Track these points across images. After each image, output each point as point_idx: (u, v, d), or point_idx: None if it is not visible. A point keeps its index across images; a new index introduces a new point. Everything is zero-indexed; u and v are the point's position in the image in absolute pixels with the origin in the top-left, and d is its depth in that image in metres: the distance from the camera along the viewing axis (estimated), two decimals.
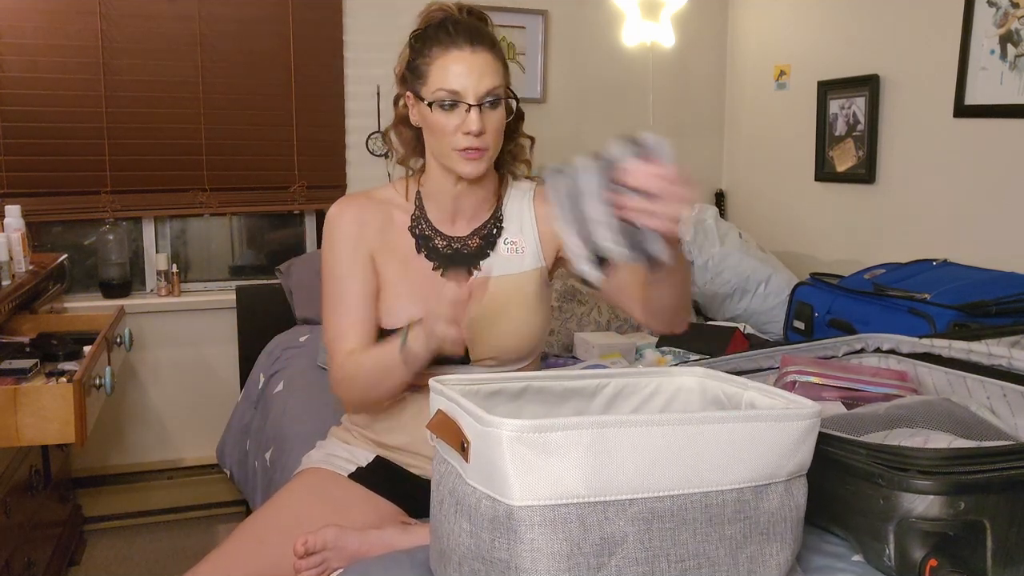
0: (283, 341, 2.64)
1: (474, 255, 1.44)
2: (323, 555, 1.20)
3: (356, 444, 1.48)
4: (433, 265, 1.42)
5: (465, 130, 1.30)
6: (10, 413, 1.67)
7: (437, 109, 1.32)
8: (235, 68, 2.91)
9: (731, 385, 1.11)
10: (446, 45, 1.32)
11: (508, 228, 1.46)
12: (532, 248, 1.45)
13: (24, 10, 2.66)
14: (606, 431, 0.86)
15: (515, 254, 1.44)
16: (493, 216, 1.46)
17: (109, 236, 2.88)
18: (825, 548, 1.17)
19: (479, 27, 1.35)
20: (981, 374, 1.50)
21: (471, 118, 1.30)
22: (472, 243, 1.44)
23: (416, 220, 1.45)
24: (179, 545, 2.75)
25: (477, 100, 1.30)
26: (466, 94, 1.30)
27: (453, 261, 1.42)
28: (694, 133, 3.56)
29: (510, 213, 1.47)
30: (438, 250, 1.43)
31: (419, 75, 1.35)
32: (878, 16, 2.76)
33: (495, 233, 1.45)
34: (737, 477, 0.92)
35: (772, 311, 2.79)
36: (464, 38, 1.32)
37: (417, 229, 1.44)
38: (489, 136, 1.33)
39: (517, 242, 1.45)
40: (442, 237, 1.44)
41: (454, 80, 1.30)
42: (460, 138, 1.31)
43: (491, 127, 1.33)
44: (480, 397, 1.06)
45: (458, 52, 1.31)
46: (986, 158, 2.39)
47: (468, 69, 1.30)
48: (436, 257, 1.43)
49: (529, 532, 0.85)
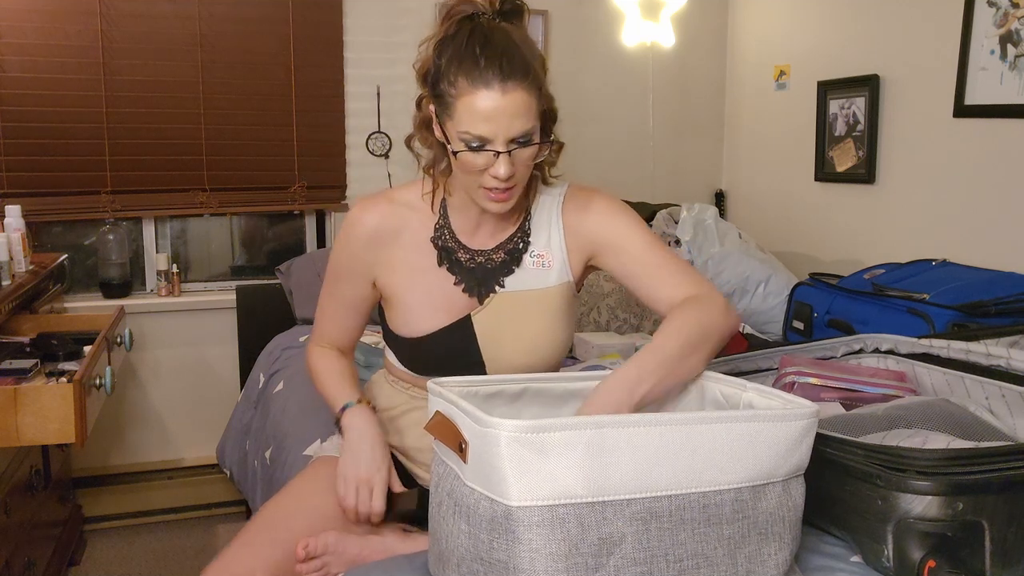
0: (283, 341, 2.64)
1: (498, 270, 1.37)
2: (323, 559, 1.20)
3: None
4: (455, 280, 1.36)
5: (493, 174, 1.21)
6: (10, 413, 1.67)
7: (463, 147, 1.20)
8: (235, 68, 2.91)
9: (729, 386, 1.11)
10: (474, 80, 1.16)
11: (536, 241, 1.37)
12: (559, 261, 1.37)
13: (24, 10, 2.66)
14: (604, 431, 0.86)
15: (541, 268, 1.36)
16: (520, 229, 1.38)
17: (109, 236, 2.88)
18: (824, 549, 1.17)
19: (510, 50, 1.18)
20: (980, 375, 1.50)
21: (500, 165, 1.19)
22: (496, 257, 1.37)
23: (439, 230, 1.37)
24: (179, 545, 2.76)
25: (507, 147, 1.19)
26: (495, 140, 1.18)
27: (475, 275, 1.36)
28: (694, 133, 3.56)
29: (538, 224, 1.38)
30: (461, 263, 1.36)
31: (444, 105, 1.21)
32: (878, 16, 2.76)
33: (521, 248, 1.37)
34: (735, 477, 0.92)
35: (771, 311, 2.79)
36: (494, 73, 1.15)
37: (440, 240, 1.37)
38: (519, 175, 1.23)
39: (544, 255, 1.37)
40: (465, 251, 1.37)
41: (482, 125, 1.17)
42: (487, 179, 1.22)
43: (521, 166, 1.23)
44: (479, 399, 1.06)
45: (487, 92, 1.16)
46: (986, 158, 2.39)
47: (498, 114, 1.16)
48: (458, 271, 1.36)
49: (527, 533, 0.85)
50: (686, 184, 3.53)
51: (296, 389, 2.24)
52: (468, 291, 1.36)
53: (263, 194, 3.03)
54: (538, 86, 1.20)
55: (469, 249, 1.37)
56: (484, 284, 1.36)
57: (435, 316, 1.35)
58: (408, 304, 1.36)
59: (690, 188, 3.53)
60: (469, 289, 1.36)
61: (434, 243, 1.37)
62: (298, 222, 3.24)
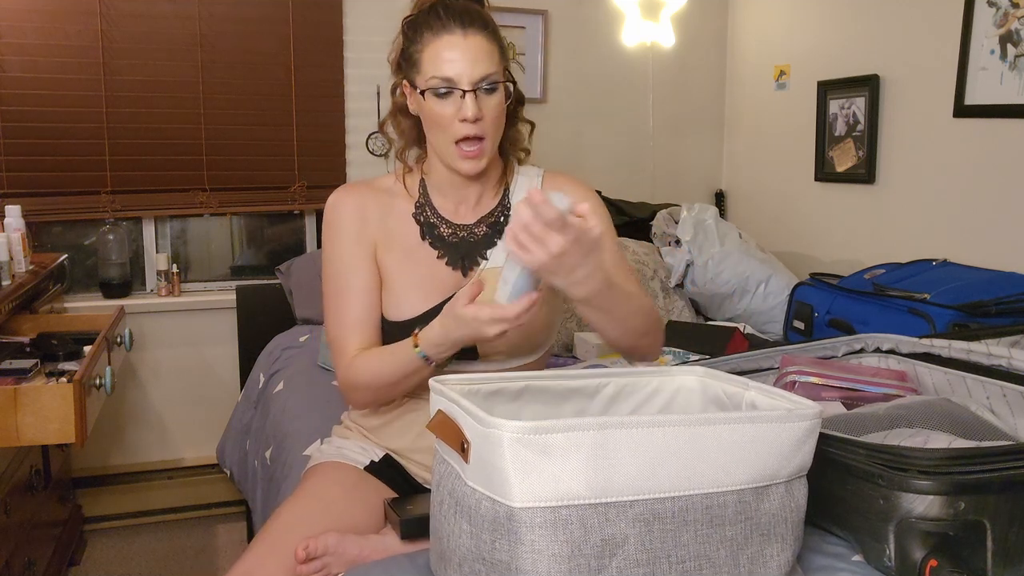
0: (283, 341, 2.64)
1: (481, 243, 1.40)
2: (324, 560, 1.20)
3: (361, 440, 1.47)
4: (437, 254, 1.39)
5: (461, 117, 1.27)
6: (10, 413, 1.67)
7: (431, 97, 1.28)
8: (235, 68, 2.91)
9: (732, 385, 1.10)
10: (437, 30, 1.27)
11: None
12: None
13: (24, 10, 2.66)
14: (607, 432, 0.86)
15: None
16: (500, 204, 1.43)
17: (109, 236, 2.88)
18: (825, 548, 1.17)
19: (471, 8, 1.30)
20: (981, 374, 1.50)
21: (466, 104, 1.26)
22: (479, 231, 1.41)
23: (420, 207, 1.41)
24: (179, 545, 2.76)
25: (472, 85, 1.26)
26: (460, 80, 1.26)
27: (459, 250, 1.39)
28: (694, 133, 3.56)
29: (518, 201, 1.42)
30: (443, 238, 1.40)
31: (413, 63, 1.31)
32: (878, 16, 2.76)
33: (503, 221, 1.41)
34: (738, 478, 0.92)
35: (772, 311, 2.79)
36: (456, 22, 1.27)
37: (422, 216, 1.41)
38: (487, 123, 1.29)
39: None
40: (447, 225, 1.40)
41: (447, 66, 1.26)
42: (457, 126, 1.28)
43: (489, 113, 1.29)
44: (480, 397, 1.06)
45: (449, 37, 1.27)
46: (986, 158, 2.39)
47: (461, 54, 1.26)
48: (441, 246, 1.39)
49: (530, 534, 0.85)
50: (686, 184, 3.53)
51: (296, 389, 2.24)
52: (451, 264, 1.38)
53: (263, 194, 3.03)
54: (499, 42, 1.30)
55: (451, 224, 1.41)
56: (467, 256, 1.39)
57: (424, 297, 1.36)
58: (397, 286, 1.38)
59: (690, 188, 3.53)
60: (452, 262, 1.38)
61: (416, 219, 1.41)
62: (298, 222, 3.24)
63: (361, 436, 1.48)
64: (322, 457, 1.47)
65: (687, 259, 2.88)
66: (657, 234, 3.09)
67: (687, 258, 2.88)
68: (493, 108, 1.29)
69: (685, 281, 2.92)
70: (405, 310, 1.37)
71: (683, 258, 2.88)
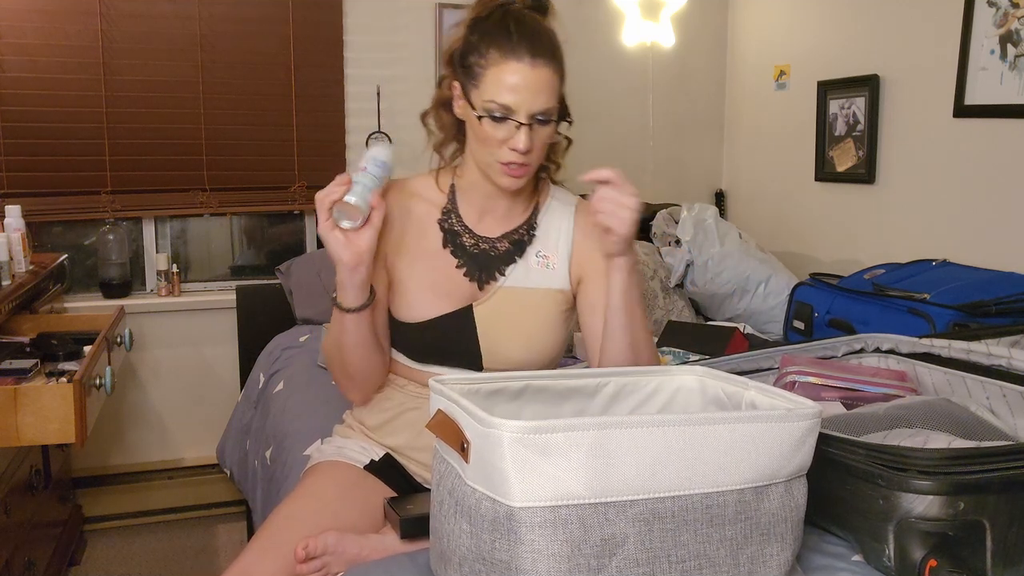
0: (283, 341, 2.64)
1: (501, 259, 1.38)
2: (323, 559, 1.20)
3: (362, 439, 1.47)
4: (457, 263, 1.38)
5: (512, 146, 1.25)
6: (10, 413, 1.67)
7: (486, 119, 1.25)
8: (235, 68, 2.91)
9: (731, 384, 1.11)
10: (505, 52, 1.23)
11: (541, 239, 1.40)
12: (563, 270, 1.40)
13: (24, 10, 2.66)
14: (607, 432, 0.86)
15: (545, 269, 1.39)
16: (527, 223, 1.41)
17: (109, 236, 2.88)
18: (825, 548, 1.17)
19: (541, 30, 1.27)
20: (981, 374, 1.50)
21: (520, 136, 1.23)
22: (500, 246, 1.39)
23: (447, 214, 1.40)
24: (179, 545, 2.76)
25: (529, 119, 1.23)
26: (519, 112, 1.23)
27: (477, 262, 1.38)
28: (694, 133, 3.56)
29: (547, 224, 1.41)
30: (465, 248, 1.38)
31: (472, 75, 1.27)
32: (878, 16, 2.76)
33: (526, 240, 1.40)
34: (738, 478, 0.92)
35: (772, 311, 2.79)
36: (526, 47, 1.22)
37: (447, 223, 1.39)
38: (535, 153, 1.28)
39: (550, 257, 1.40)
40: (471, 235, 1.39)
41: (508, 95, 1.22)
42: (505, 152, 1.26)
43: (539, 143, 1.27)
44: (480, 397, 1.06)
45: (517, 64, 1.22)
46: (986, 158, 2.39)
47: (525, 86, 1.22)
48: (462, 255, 1.38)
49: (530, 533, 0.85)
50: (686, 184, 3.53)
51: (296, 389, 2.24)
52: (469, 275, 1.38)
53: (263, 194, 3.03)
54: (561, 72, 1.28)
55: (474, 234, 1.39)
56: (485, 270, 1.38)
57: (437, 302, 1.36)
58: (411, 288, 1.37)
59: (690, 188, 3.53)
60: (470, 273, 1.38)
61: (440, 225, 1.39)
62: (298, 222, 3.24)
63: (362, 435, 1.48)
64: (322, 456, 1.47)
65: (687, 259, 2.88)
66: (657, 234, 3.09)
67: (687, 258, 2.88)
68: (544, 138, 1.28)
69: (685, 281, 2.92)
70: (416, 312, 1.36)
71: (683, 258, 2.88)
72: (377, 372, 1.41)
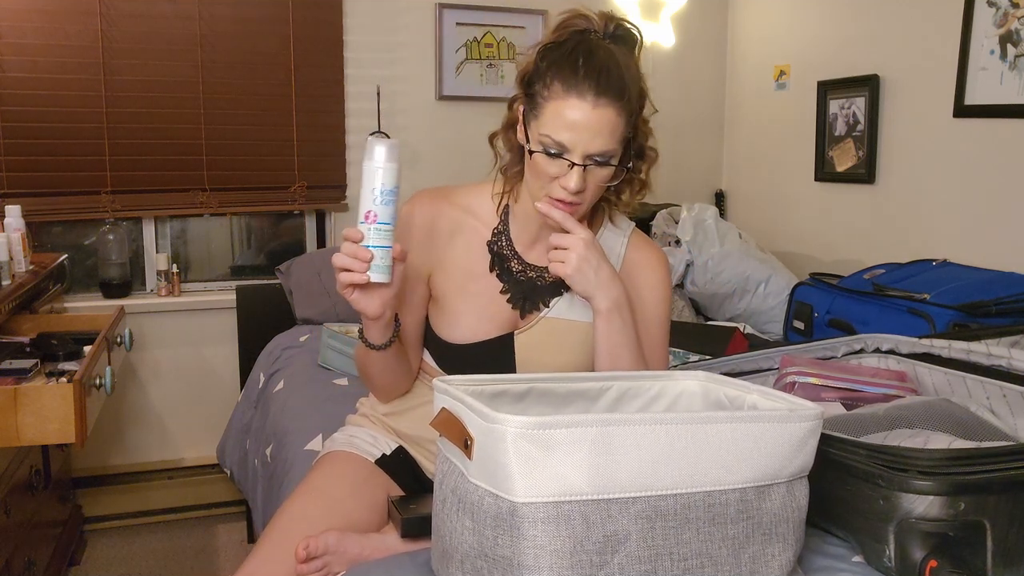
0: (283, 341, 2.64)
1: (547, 290, 1.35)
2: (324, 559, 1.20)
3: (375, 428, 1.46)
4: (501, 288, 1.34)
5: (563, 184, 1.19)
6: (10, 413, 1.67)
7: (539, 154, 1.20)
8: (235, 68, 2.91)
9: (734, 389, 1.11)
10: (568, 87, 1.16)
11: None
12: None
13: (24, 10, 2.66)
14: (610, 429, 0.86)
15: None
16: None
17: (109, 236, 2.88)
18: (826, 549, 1.17)
19: (612, 67, 1.18)
20: (981, 374, 1.50)
21: (571, 176, 1.18)
22: (547, 277, 1.34)
23: (497, 236, 1.35)
24: (179, 545, 2.76)
25: (584, 160, 1.18)
26: (573, 151, 1.17)
27: (522, 289, 1.34)
28: (694, 133, 3.56)
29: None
30: (512, 273, 1.34)
31: (534, 104, 1.21)
32: (878, 16, 2.76)
33: None
34: (740, 477, 0.92)
35: (772, 311, 2.79)
36: (590, 84, 1.15)
37: (496, 246, 1.35)
38: (588, 194, 1.22)
39: None
40: (519, 261, 1.34)
41: (565, 133, 1.16)
42: (556, 188, 1.21)
43: (592, 185, 1.22)
44: (484, 397, 1.06)
45: (578, 101, 1.16)
46: (986, 158, 2.39)
47: (584, 125, 1.16)
48: (508, 280, 1.34)
49: (532, 529, 0.85)
50: (686, 184, 3.53)
51: (296, 388, 2.24)
52: (512, 302, 1.34)
53: (263, 194, 3.03)
54: (629, 112, 1.21)
55: (523, 261, 1.35)
56: (529, 299, 1.34)
57: (480, 326, 1.33)
58: (457, 310, 1.34)
59: (690, 188, 3.53)
60: (514, 300, 1.34)
61: (490, 247, 1.35)
62: (298, 222, 3.24)
63: (375, 423, 1.47)
64: (333, 445, 1.45)
65: (687, 259, 2.88)
66: (657, 234, 3.09)
67: (687, 258, 2.88)
68: (598, 180, 1.22)
69: (685, 281, 2.92)
70: (457, 334, 1.34)
71: (683, 258, 2.89)
72: (404, 383, 1.41)
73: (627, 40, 1.25)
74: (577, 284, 1.24)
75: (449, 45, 3.14)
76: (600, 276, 1.23)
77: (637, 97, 1.23)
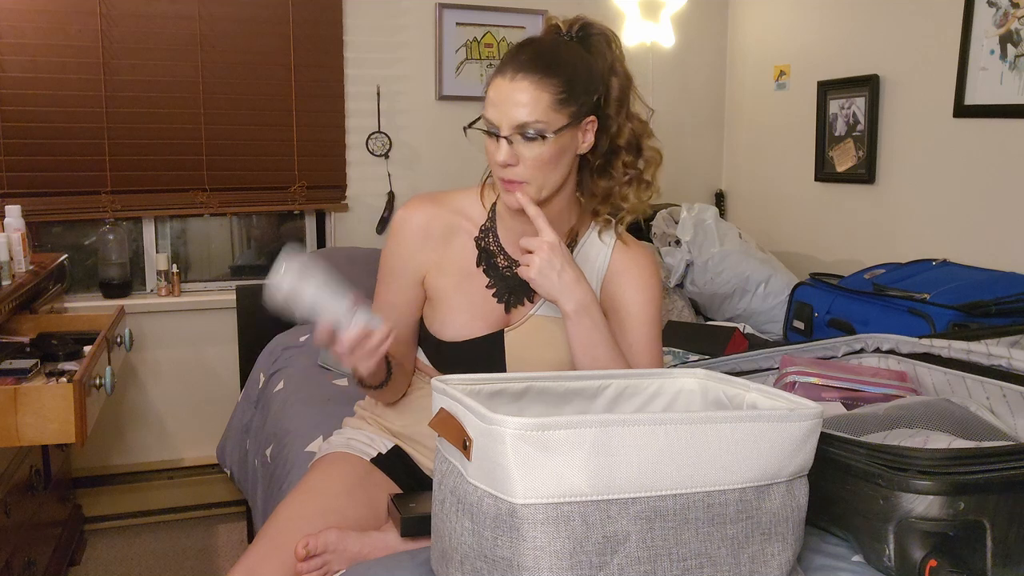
0: (283, 341, 2.64)
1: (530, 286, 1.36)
2: (324, 558, 1.20)
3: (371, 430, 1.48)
4: (488, 283, 1.37)
5: (493, 158, 1.26)
6: (10, 413, 1.67)
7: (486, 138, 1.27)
8: (235, 68, 2.91)
9: (733, 387, 1.11)
10: (497, 71, 1.25)
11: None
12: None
13: (24, 10, 2.66)
14: (609, 430, 0.86)
15: None
16: None
17: (109, 236, 2.88)
18: (825, 548, 1.17)
19: (545, 52, 1.25)
20: (980, 374, 1.50)
21: (500, 148, 1.23)
22: None
23: (484, 232, 1.39)
24: (179, 545, 2.76)
25: (509, 132, 1.23)
26: (499, 125, 1.24)
27: (508, 285, 1.37)
28: (694, 133, 3.56)
29: (584, 256, 1.39)
30: (498, 268, 1.37)
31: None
32: (878, 16, 2.76)
33: None
34: (739, 477, 0.92)
35: (772, 311, 2.79)
36: (513, 65, 1.23)
37: (483, 242, 1.38)
38: (524, 170, 1.24)
39: None
40: (505, 256, 1.38)
41: (491, 110, 1.25)
42: (498, 167, 1.27)
43: (528, 160, 1.24)
44: (482, 397, 1.06)
45: (499, 80, 1.24)
46: (986, 158, 2.39)
47: (503, 98, 1.23)
48: (494, 275, 1.37)
49: (532, 530, 0.85)
50: (686, 184, 3.53)
51: (296, 388, 2.24)
52: (498, 297, 1.37)
53: (263, 194, 3.02)
54: (564, 92, 1.23)
55: (508, 256, 1.38)
56: (515, 294, 1.37)
57: (472, 324, 1.36)
58: (450, 308, 1.37)
59: (690, 188, 3.53)
60: (499, 295, 1.37)
61: (477, 243, 1.39)
62: (298, 222, 3.24)
63: (372, 423, 1.48)
64: (330, 448, 1.47)
65: (687, 259, 2.88)
66: (657, 234, 3.09)
67: (687, 258, 2.88)
68: (533, 156, 1.24)
69: (685, 281, 2.92)
70: (450, 331, 1.37)
71: (683, 258, 2.89)
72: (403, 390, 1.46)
73: (587, 39, 1.34)
74: (541, 288, 1.27)
75: (449, 45, 3.14)
76: (564, 279, 1.26)
77: (587, 82, 1.28)
